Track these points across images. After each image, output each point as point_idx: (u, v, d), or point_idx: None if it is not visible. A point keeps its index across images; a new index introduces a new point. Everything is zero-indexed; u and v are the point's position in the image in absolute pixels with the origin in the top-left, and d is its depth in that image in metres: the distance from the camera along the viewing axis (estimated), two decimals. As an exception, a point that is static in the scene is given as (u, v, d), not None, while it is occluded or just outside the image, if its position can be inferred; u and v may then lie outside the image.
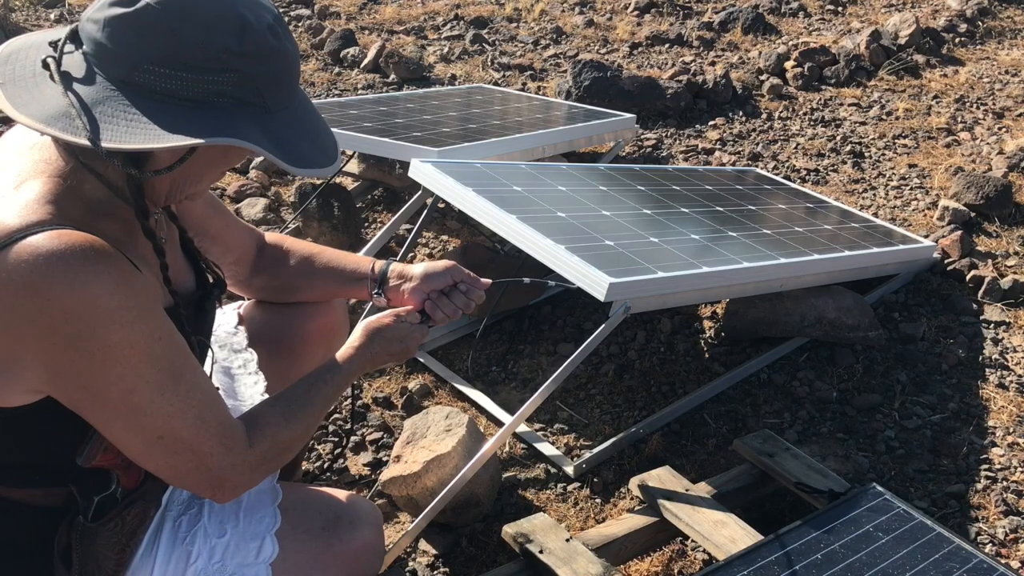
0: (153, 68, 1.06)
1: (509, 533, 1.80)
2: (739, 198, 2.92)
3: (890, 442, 2.28)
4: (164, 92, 1.07)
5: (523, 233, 2.16)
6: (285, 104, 1.16)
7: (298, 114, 1.18)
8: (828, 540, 1.70)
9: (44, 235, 1.05)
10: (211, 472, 1.20)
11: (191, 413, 1.17)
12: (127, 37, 1.06)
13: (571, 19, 5.33)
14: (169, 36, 1.05)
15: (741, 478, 2.05)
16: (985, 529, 2.02)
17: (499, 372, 2.59)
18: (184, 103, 1.07)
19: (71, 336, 1.05)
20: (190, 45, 1.06)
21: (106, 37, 1.07)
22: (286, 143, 1.14)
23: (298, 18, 5.21)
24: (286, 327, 1.67)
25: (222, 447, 1.20)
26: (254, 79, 1.10)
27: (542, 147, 3.22)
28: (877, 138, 3.89)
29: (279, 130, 1.14)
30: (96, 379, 1.09)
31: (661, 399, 2.45)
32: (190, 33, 1.06)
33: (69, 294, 1.04)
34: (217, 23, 1.07)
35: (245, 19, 1.09)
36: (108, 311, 1.06)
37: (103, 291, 1.05)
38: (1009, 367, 2.52)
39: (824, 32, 5.16)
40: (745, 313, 2.60)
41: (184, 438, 1.17)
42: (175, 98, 1.07)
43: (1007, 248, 3.03)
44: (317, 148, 1.18)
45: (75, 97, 1.06)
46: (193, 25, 1.06)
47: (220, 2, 1.08)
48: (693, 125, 4.04)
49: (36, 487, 1.20)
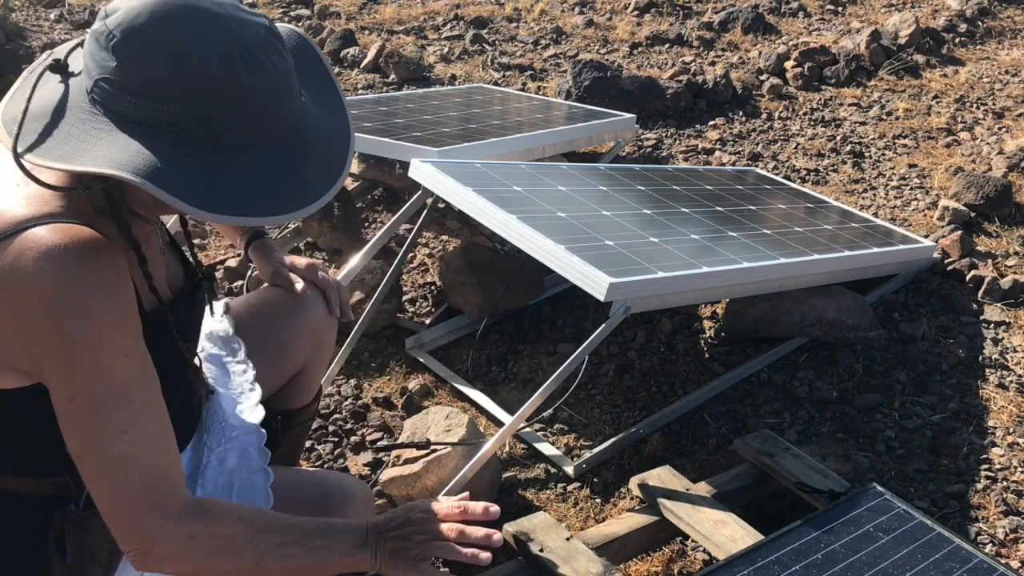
0: (106, 87, 1.04)
1: (509, 532, 1.80)
2: (739, 198, 2.92)
3: (890, 442, 2.28)
4: (117, 112, 1.04)
5: (523, 233, 2.16)
6: (254, 141, 1.08)
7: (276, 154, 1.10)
8: (828, 540, 1.70)
9: (50, 227, 1.05)
10: (124, 515, 1.11)
11: (116, 448, 1.09)
12: (93, 52, 1.05)
13: (571, 19, 5.33)
14: (116, 60, 1.03)
15: (741, 478, 2.05)
16: (985, 529, 2.02)
17: (499, 372, 2.59)
18: (132, 125, 1.04)
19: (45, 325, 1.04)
20: (133, 73, 1.03)
21: (87, 47, 1.07)
22: (223, 182, 1.05)
23: (298, 18, 5.21)
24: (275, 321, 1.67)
25: (140, 498, 1.11)
26: (198, 113, 1.04)
27: (542, 147, 3.22)
28: (877, 138, 3.89)
29: (228, 167, 1.06)
30: (53, 369, 1.07)
31: (661, 399, 2.45)
32: (135, 60, 1.02)
33: (53, 282, 1.03)
34: (158, 52, 1.02)
35: (188, 53, 1.02)
36: (85, 308, 1.04)
37: (87, 287, 1.04)
38: (1009, 367, 2.52)
39: (824, 32, 5.16)
40: (745, 313, 2.60)
41: (99, 470, 1.10)
42: (127, 119, 1.04)
43: (1007, 248, 3.03)
44: (274, 194, 1.08)
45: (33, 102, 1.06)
46: (138, 51, 1.02)
47: (173, 27, 1.03)
48: (693, 125, 4.04)
49: (29, 476, 1.20)
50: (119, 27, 1.03)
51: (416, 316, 2.81)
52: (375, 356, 2.63)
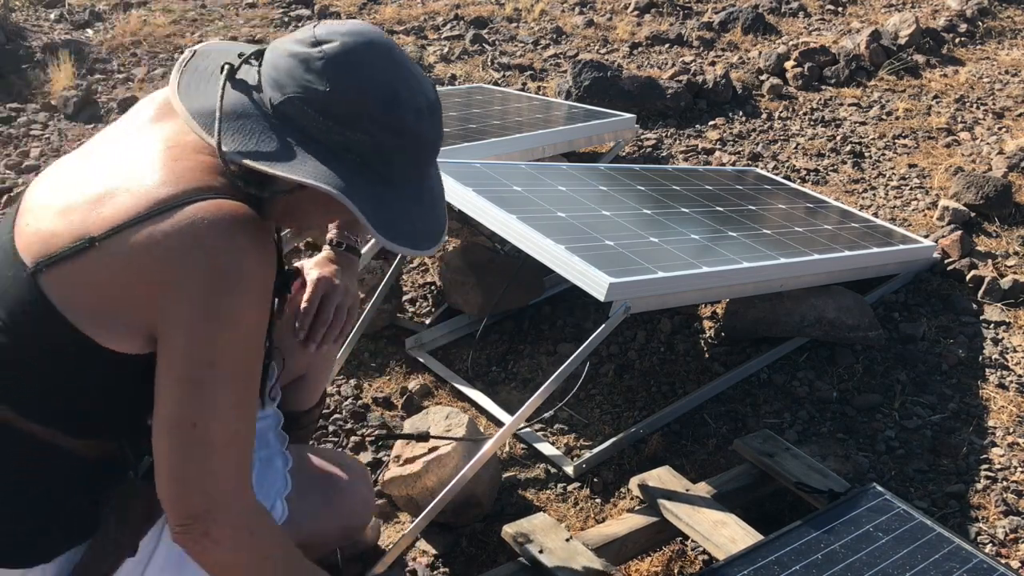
0: (301, 106, 1.15)
1: (509, 533, 1.80)
2: (739, 198, 2.92)
3: (890, 442, 2.28)
4: (301, 129, 1.15)
5: (523, 233, 2.16)
6: (408, 180, 1.22)
7: (420, 193, 1.24)
8: (828, 540, 1.70)
9: (219, 202, 1.14)
10: (205, 487, 1.17)
11: (234, 425, 1.17)
12: (294, 72, 1.16)
13: (571, 19, 5.33)
14: (327, 84, 1.14)
15: (741, 478, 2.05)
16: (985, 529, 2.02)
17: (499, 372, 2.59)
18: (314, 143, 1.15)
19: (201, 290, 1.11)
20: (339, 100, 1.14)
21: (281, 65, 1.17)
22: (388, 214, 1.18)
23: (298, 18, 5.21)
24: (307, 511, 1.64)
25: (227, 475, 1.18)
26: (381, 148, 1.17)
27: (542, 147, 3.21)
28: (877, 138, 3.89)
29: (392, 201, 1.19)
30: (196, 333, 1.13)
31: (661, 399, 2.45)
32: (346, 89, 1.14)
33: (226, 253, 1.11)
34: (373, 88, 1.15)
35: (397, 95, 1.16)
36: (250, 282, 1.13)
37: (255, 265, 1.14)
38: (1009, 367, 2.52)
39: (824, 32, 5.16)
40: (745, 313, 2.60)
41: (212, 441, 1.15)
42: (309, 137, 1.15)
43: (1007, 248, 3.03)
44: (419, 230, 1.23)
45: (223, 102, 1.16)
46: (352, 83, 1.15)
47: (386, 71, 1.17)
48: (693, 125, 4.04)
49: (89, 438, 1.23)
50: (336, 58, 1.15)
51: (416, 316, 2.81)
52: (375, 356, 2.63)
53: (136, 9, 5.25)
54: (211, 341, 1.13)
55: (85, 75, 4.34)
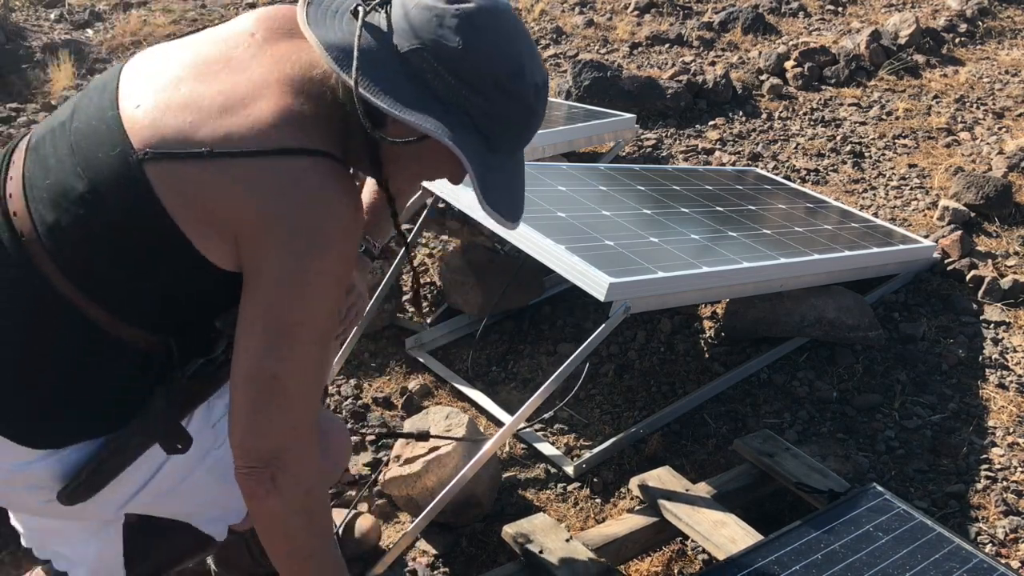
0: (430, 59, 1.17)
1: (509, 533, 1.80)
2: (739, 198, 2.92)
3: (890, 442, 2.28)
4: (424, 81, 1.18)
5: (523, 233, 2.16)
6: (506, 152, 1.25)
7: (510, 168, 1.27)
8: (828, 540, 1.70)
9: (329, 164, 1.18)
10: (279, 438, 1.21)
11: (311, 381, 1.21)
12: (428, 26, 1.17)
13: (571, 19, 5.33)
14: (460, 43, 1.16)
15: (741, 478, 2.05)
16: (985, 529, 2.02)
17: (499, 372, 2.59)
18: (433, 98, 1.18)
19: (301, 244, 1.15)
20: (470, 60, 1.17)
21: (413, 16, 1.18)
22: (492, 182, 1.22)
23: (298, 18, 5.21)
24: None
25: (307, 428, 1.23)
26: (497, 115, 1.20)
27: (542, 147, 3.21)
28: (877, 138, 3.89)
29: (492, 167, 1.22)
30: (287, 289, 1.16)
31: (661, 399, 2.45)
32: (478, 51, 1.17)
33: (324, 217, 1.15)
34: (503, 56, 1.19)
35: (524, 67, 1.20)
36: (343, 244, 1.18)
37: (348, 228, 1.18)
38: (1009, 367, 2.52)
39: (824, 32, 5.16)
40: (745, 313, 2.60)
41: (291, 395, 1.19)
42: (429, 89, 1.18)
43: (1007, 248, 3.03)
44: (515, 203, 1.27)
45: (360, 42, 1.17)
46: (485, 46, 1.17)
47: (515, 42, 1.20)
48: (693, 125, 4.04)
49: (145, 329, 1.25)
50: (471, 18, 1.17)
51: (416, 316, 2.81)
52: (375, 356, 2.63)
53: (136, 9, 5.25)
54: (300, 298, 1.16)
55: (85, 75, 4.34)
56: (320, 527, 1.31)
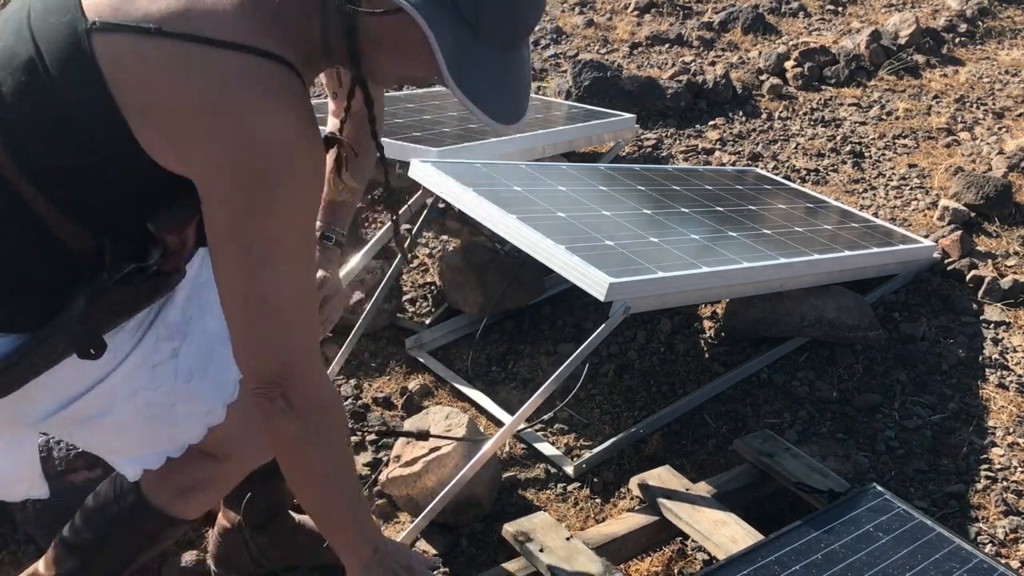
0: None
1: (509, 531, 1.80)
2: (739, 198, 2.92)
3: (890, 442, 2.28)
4: None
5: (523, 233, 2.16)
6: (498, 44, 1.14)
7: (505, 63, 1.16)
8: (828, 540, 1.70)
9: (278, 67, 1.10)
10: (281, 356, 1.20)
11: (305, 299, 1.20)
12: None
13: (571, 19, 5.33)
14: None
15: (741, 478, 2.05)
16: (985, 529, 2.02)
17: (499, 372, 2.59)
18: None
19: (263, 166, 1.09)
20: None
21: None
22: (467, 69, 1.11)
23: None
24: None
25: (307, 346, 1.22)
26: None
27: (542, 147, 3.21)
28: (877, 138, 3.89)
29: (475, 57, 1.12)
30: (254, 209, 1.11)
31: (661, 399, 2.45)
32: None
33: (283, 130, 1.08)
34: None
35: None
36: (306, 165, 1.12)
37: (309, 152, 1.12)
38: (1009, 367, 2.52)
39: (824, 32, 5.16)
40: (745, 313, 2.60)
41: (284, 310, 1.18)
42: None
43: (1007, 248, 3.03)
44: (497, 96, 1.15)
45: None
46: None
47: None
48: (693, 125, 4.04)
49: (78, 224, 1.18)
50: None
51: (416, 316, 2.81)
52: (375, 356, 2.63)
53: (136, 9, 5.24)
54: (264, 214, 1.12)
55: None
56: (339, 451, 1.31)
